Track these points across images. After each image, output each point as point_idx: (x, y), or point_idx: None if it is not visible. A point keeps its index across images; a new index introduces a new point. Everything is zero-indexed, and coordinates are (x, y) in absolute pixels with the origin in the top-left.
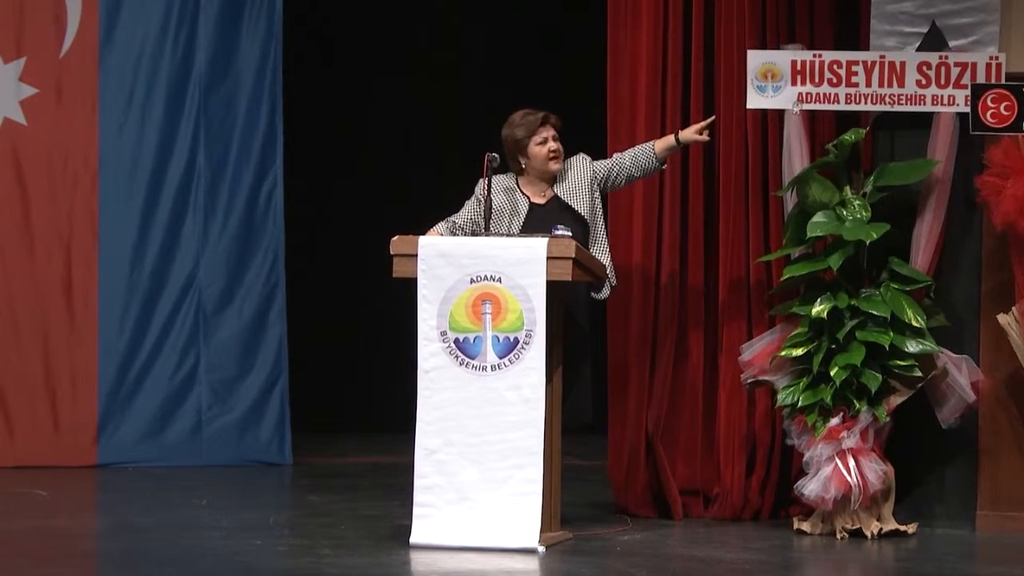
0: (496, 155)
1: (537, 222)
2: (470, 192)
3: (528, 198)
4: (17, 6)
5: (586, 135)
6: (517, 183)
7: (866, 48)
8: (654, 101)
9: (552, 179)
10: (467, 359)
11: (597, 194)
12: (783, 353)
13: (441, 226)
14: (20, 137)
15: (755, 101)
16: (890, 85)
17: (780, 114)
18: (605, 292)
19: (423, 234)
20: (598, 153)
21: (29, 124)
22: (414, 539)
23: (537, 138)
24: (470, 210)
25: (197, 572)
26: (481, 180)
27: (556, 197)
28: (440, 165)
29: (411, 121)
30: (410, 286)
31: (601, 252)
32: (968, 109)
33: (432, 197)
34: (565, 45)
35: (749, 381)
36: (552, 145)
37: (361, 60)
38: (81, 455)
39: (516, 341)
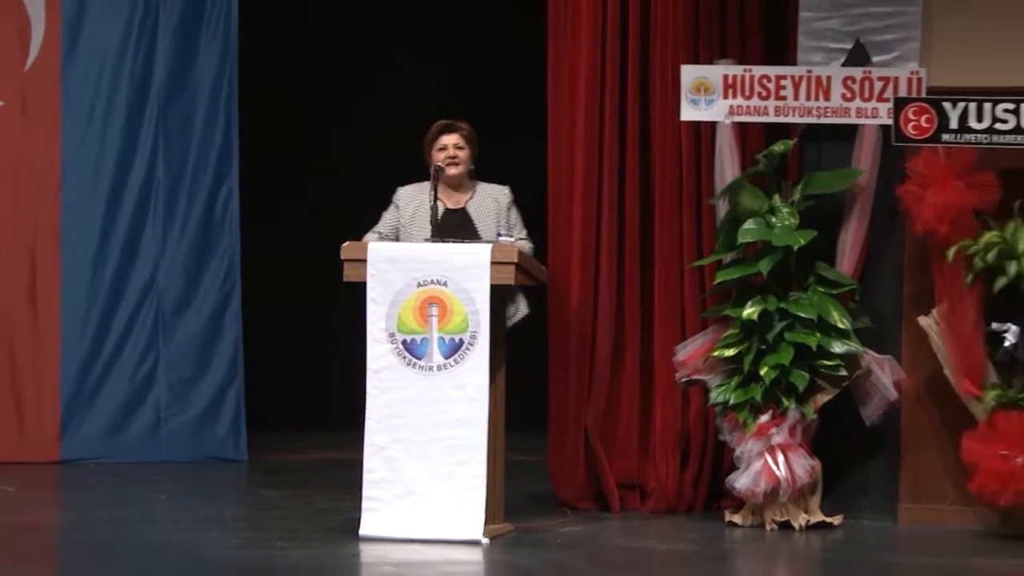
0: (441, 165)
1: (450, 226)
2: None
3: (442, 203)
4: None
5: (528, 144)
6: (431, 186)
7: (794, 63)
8: (592, 114)
9: (460, 187)
10: (414, 359)
11: (503, 228)
12: (715, 353)
13: (371, 236)
14: None
15: (689, 113)
16: (817, 98)
17: (712, 126)
18: (516, 318)
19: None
20: (539, 165)
21: None
22: (363, 531)
23: (438, 144)
24: (391, 218)
25: (156, 564)
26: (400, 189)
27: (466, 209)
28: (387, 177)
29: (362, 134)
30: (360, 289)
31: None
32: (890, 121)
33: (380, 207)
34: (511, 55)
35: (683, 380)
36: (450, 151)
37: (316, 73)
38: (45, 452)
39: (461, 342)
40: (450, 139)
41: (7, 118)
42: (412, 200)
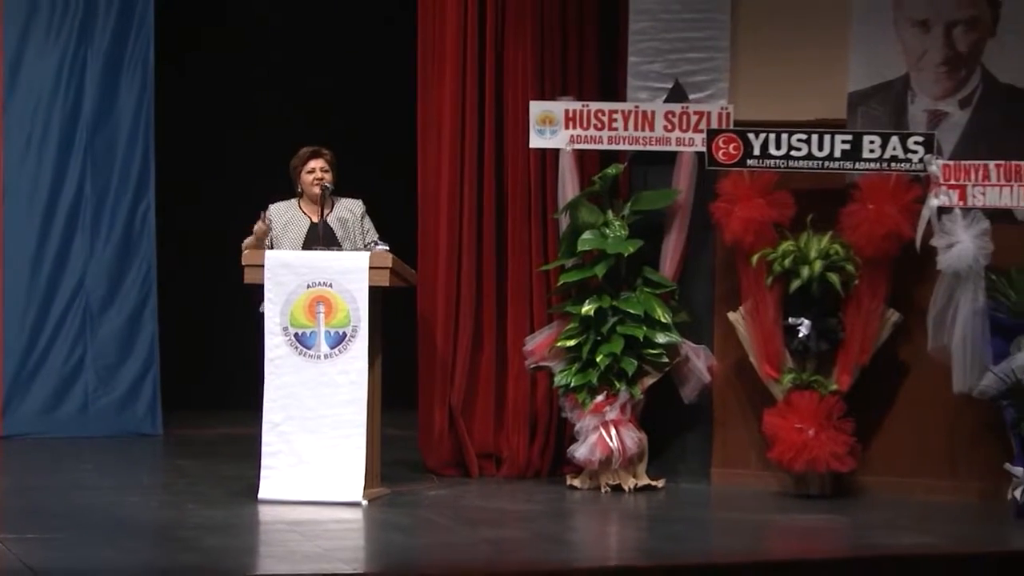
0: (328, 185)
1: (315, 237)
2: None
3: (309, 217)
4: None
5: (401, 166)
6: (299, 205)
7: (624, 100)
8: (455, 141)
9: (324, 204)
10: (304, 349)
11: (359, 237)
12: (559, 344)
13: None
14: None
15: (536, 142)
16: (643, 129)
17: (556, 152)
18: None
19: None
20: (410, 184)
21: None
22: (261, 495)
23: (307, 167)
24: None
25: (84, 523)
26: (271, 206)
27: (326, 221)
28: (285, 196)
29: (260, 158)
30: (259, 289)
31: None
32: (704, 149)
33: None
34: (390, 90)
35: (532, 367)
36: (317, 174)
37: (223, 106)
38: None
39: (344, 335)
40: (317, 163)
41: None
42: (282, 215)
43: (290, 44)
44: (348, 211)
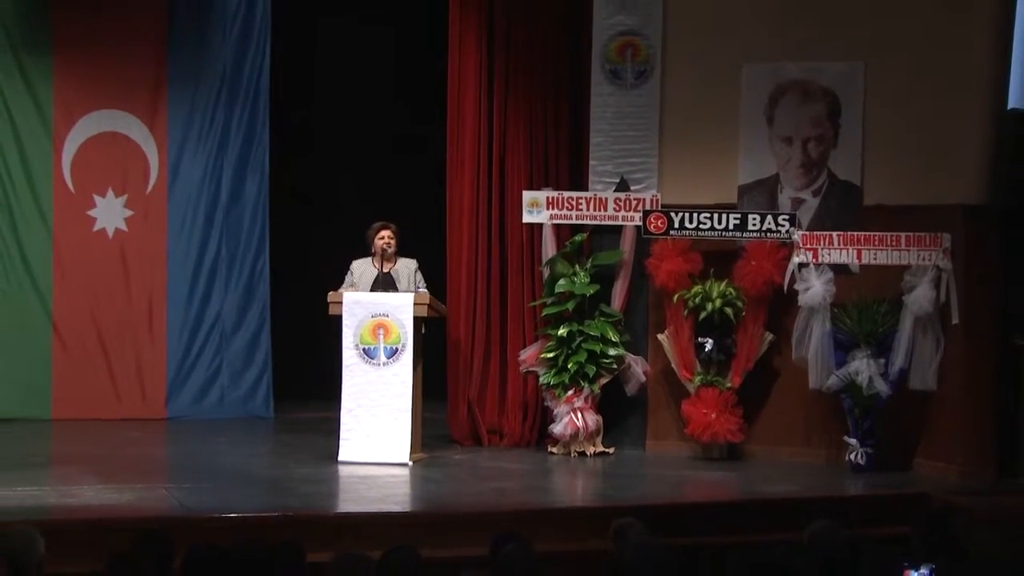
0: (387, 249)
1: (381, 283)
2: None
3: (377, 269)
4: (122, 164)
5: (436, 235)
6: (372, 260)
7: (586, 189)
8: (472, 219)
9: (388, 260)
10: (369, 359)
11: (412, 285)
12: (543, 355)
13: (342, 291)
14: (125, 239)
15: (527, 218)
16: (600, 210)
17: (541, 225)
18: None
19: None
20: (438, 244)
21: (129, 231)
22: (340, 458)
23: (378, 235)
24: (348, 281)
25: (220, 476)
26: (353, 262)
27: (390, 273)
28: (364, 254)
29: (343, 230)
30: (339, 319)
31: None
32: (641, 223)
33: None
34: (429, 181)
35: (524, 371)
36: (385, 240)
37: (315, 194)
38: (157, 412)
39: (397, 349)
40: (385, 232)
41: (137, 221)
42: (360, 267)
43: (363, 152)
44: (405, 266)
